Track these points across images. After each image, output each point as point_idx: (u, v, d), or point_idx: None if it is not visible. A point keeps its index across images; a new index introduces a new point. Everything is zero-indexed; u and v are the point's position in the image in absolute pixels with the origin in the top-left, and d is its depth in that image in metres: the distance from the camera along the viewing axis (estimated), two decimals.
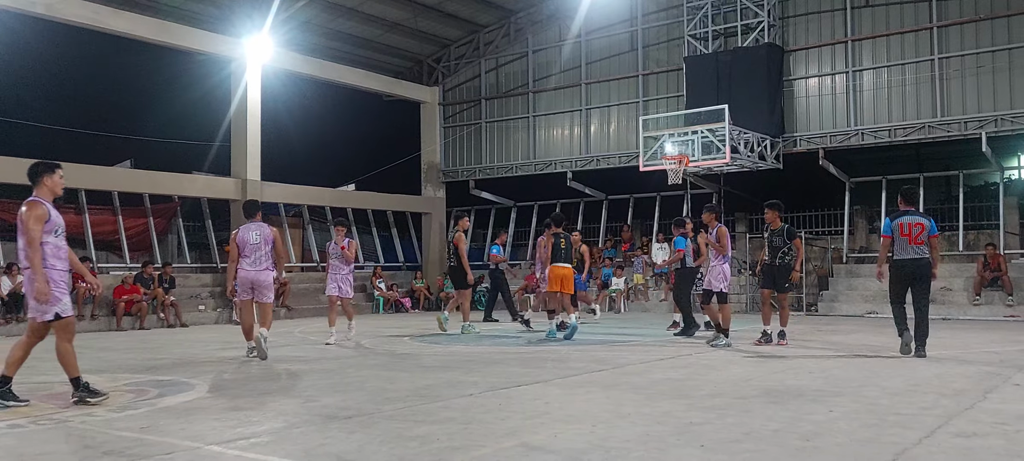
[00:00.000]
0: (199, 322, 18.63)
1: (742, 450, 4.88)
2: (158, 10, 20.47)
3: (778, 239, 11.34)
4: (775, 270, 11.40)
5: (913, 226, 9.59)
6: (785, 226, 11.46)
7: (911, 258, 9.60)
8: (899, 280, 9.79)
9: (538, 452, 4.89)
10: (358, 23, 23.73)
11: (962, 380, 7.73)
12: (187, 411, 6.45)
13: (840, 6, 20.91)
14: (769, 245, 11.47)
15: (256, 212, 10.58)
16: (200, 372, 9.00)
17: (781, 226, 11.43)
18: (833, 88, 21.07)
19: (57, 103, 24.71)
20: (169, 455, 4.94)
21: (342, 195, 25.95)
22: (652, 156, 20.36)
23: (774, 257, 11.35)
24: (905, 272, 9.68)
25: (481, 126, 26.64)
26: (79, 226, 20.33)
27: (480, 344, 12.06)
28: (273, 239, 10.34)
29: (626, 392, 7.18)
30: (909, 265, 9.62)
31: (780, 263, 11.29)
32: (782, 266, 11.28)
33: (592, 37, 24.59)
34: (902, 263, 9.68)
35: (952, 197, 22.08)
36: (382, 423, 5.84)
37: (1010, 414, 5.95)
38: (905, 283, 9.74)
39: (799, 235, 11.85)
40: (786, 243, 11.26)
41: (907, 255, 9.63)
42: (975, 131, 19.26)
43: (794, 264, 11.34)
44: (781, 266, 11.29)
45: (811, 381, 7.72)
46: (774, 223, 11.48)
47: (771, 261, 11.41)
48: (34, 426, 5.93)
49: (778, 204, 11.60)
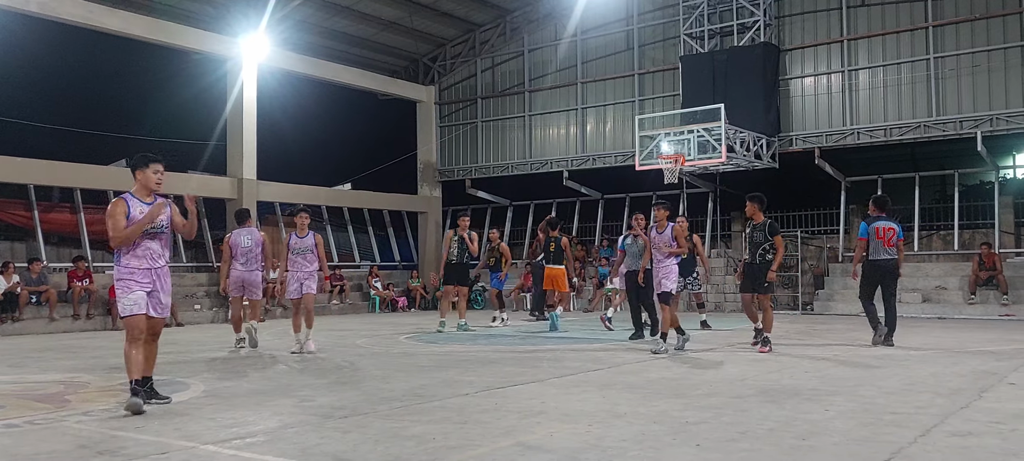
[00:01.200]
0: (195, 321, 18.60)
1: (738, 449, 4.88)
2: (153, 9, 20.42)
3: (759, 235, 10.54)
4: (755, 269, 10.58)
5: (887, 230, 10.88)
6: (767, 221, 10.62)
7: (884, 259, 10.87)
8: (873, 279, 11.01)
9: (534, 451, 4.88)
10: (354, 22, 23.71)
11: (957, 379, 7.74)
12: (182, 410, 6.44)
13: (836, 5, 20.93)
14: (750, 241, 10.65)
15: (247, 219, 11.54)
16: (195, 371, 8.98)
17: (763, 221, 10.59)
18: (829, 87, 21.10)
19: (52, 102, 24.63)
20: (164, 454, 4.93)
21: (338, 194, 25.93)
22: (648, 155, 20.37)
23: (754, 255, 10.56)
24: (879, 271, 10.93)
25: (477, 125, 26.63)
26: (74, 225, 20.32)
27: (476, 343, 12.06)
28: (263, 243, 11.29)
29: (622, 391, 7.19)
30: (883, 265, 10.89)
31: (760, 261, 10.49)
32: (761, 265, 10.49)
33: (588, 36, 24.59)
34: (877, 263, 10.91)
35: (947, 196, 22.12)
36: (378, 422, 5.83)
37: (1005, 413, 5.96)
38: (877, 281, 10.98)
39: (781, 232, 10.81)
40: (767, 239, 10.46)
41: (881, 256, 10.88)
42: (970, 130, 19.29)
43: (772, 263, 10.42)
44: (760, 265, 10.50)
45: (807, 380, 7.73)
46: (755, 217, 10.65)
47: (751, 259, 10.59)
48: (29, 426, 5.91)
49: (760, 197, 10.76)
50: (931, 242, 21.25)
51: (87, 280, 17.26)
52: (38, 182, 19.16)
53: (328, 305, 22.18)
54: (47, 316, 16.49)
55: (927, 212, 21.75)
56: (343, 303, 22.52)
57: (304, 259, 11.00)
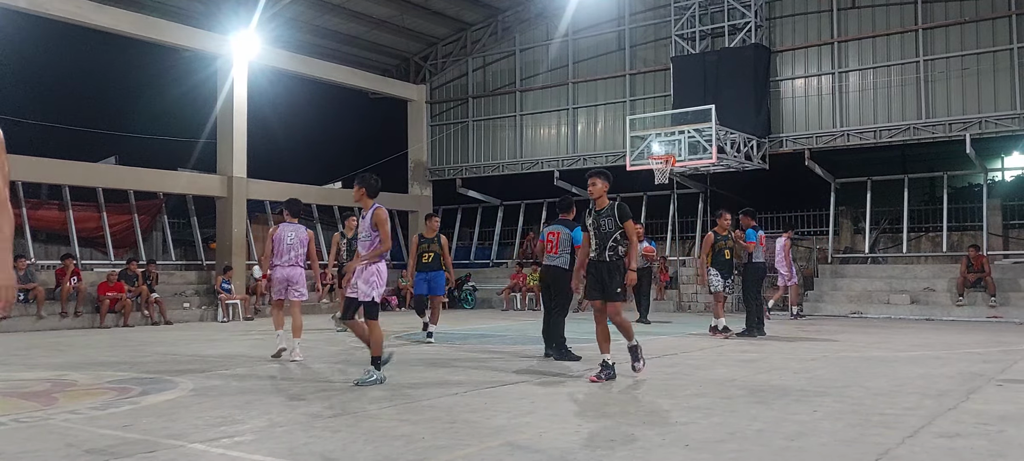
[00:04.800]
0: (184, 320, 18.54)
1: (726, 450, 4.89)
2: (143, 6, 20.32)
3: (607, 221, 7.92)
4: (603, 268, 7.90)
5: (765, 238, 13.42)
6: (615, 203, 8.02)
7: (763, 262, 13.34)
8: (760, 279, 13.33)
9: (523, 451, 4.88)
10: (345, 20, 23.65)
11: (945, 381, 7.77)
12: (170, 409, 6.41)
13: (826, 7, 21.00)
14: (595, 230, 7.98)
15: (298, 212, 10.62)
16: (184, 370, 8.95)
17: (609, 204, 8.01)
18: (819, 89, 21.16)
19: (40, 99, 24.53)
20: (151, 453, 4.91)
21: (328, 193, 25.85)
22: (639, 156, 20.39)
23: (602, 249, 7.90)
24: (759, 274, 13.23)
25: (468, 124, 26.61)
26: (63, 222, 20.21)
27: (466, 343, 12.05)
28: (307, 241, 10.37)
29: (611, 392, 7.19)
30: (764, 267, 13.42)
31: (610, 258, 7.87)
32: (612, 263, 7.87)
33: (579, 36, 24.60)
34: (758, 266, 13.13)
35: (936, 198, 22.23)
36: (366, 422, 5.82)
37: (992, 415, 5.99)
38: None
39: (632, 216, 8.06)
40: (618, 227, 7.89)
41: (760, 257, 13.11)
42: (959, 133, 19.38)
43: (627, 259, 7.89)
44: (612, 262, 7.87)
45: (795, 381, 7.75)
46: (600, 201, 8.04)
47: (598, 255, 7.95)
48: (16, 424, 5.87)
49: (605, 173, 8.23)
50: (920, 244, 21.36)
51: (76, 278, 17.16)
52: (26, 179, 19.04)
53: (318, 304, 22.14)
54: (35, 314, 16.39)
55: (916, 214, 21.85)
56: (333, 302, 22.45)
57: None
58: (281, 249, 10.16)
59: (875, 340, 12.21)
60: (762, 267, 13.40)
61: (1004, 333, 13.72)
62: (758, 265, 13.19)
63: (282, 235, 10.21)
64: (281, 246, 10.17)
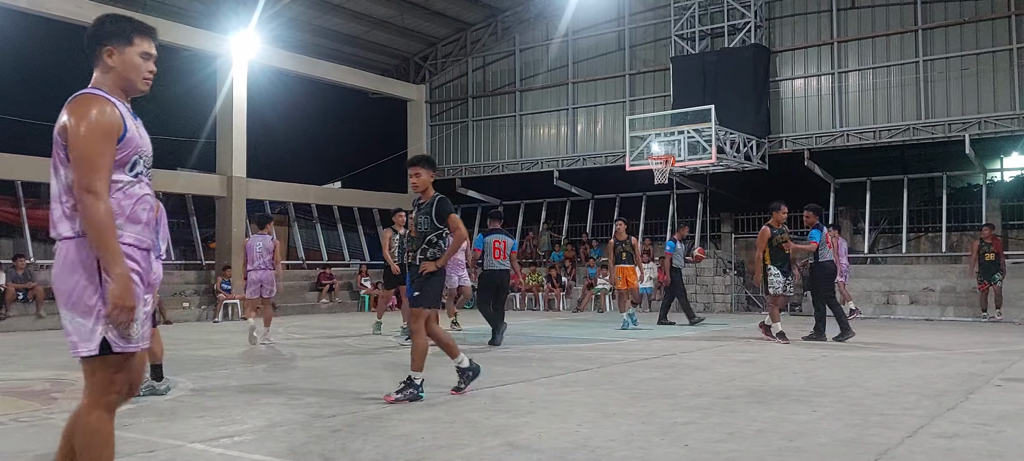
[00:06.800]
0: (183, 319, 18.54)
1: (726, 450, 4.89)
2: (143, 5, 20.31)
3: (424, 219, 7.02)
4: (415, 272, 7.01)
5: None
6: (437, 198, 7.07)
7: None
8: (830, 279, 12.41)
9: (522, 451, 4.88)
10: (345, 20, 23.65)
11: (944, 381, 7.78)
12: (169, 409, 6.41)
13: (826, 8, 21.01)
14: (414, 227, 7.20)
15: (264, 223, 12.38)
16: (183, 370, 8.93)
17: (433, 198, 7.07)
18: (819, 89, 21.17)
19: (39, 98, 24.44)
20: (151, 453, 4.91)
21: (328, 192, 25.87)
22: (638, 156, 20.39)
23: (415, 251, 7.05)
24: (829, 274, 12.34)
25: (468, 124, 26.62)
26: None
27: (465, 343, 12.04)
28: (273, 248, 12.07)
29: (610, 392, 7.19)
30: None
31: (421, 259, 6.95)
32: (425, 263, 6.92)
33: (579, 36, 24.60)
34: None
35: (936, 198, 22.23)
36: (365, 421, 5.82)
37: (991, 415, 5.99)
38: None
39: (455, 210, 7.23)
40: (434, 227, 6.96)
41: (828, 256, 12.37)
42: (959, 133, 19.40)
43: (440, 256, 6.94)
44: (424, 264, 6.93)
45: (795, 381, 7.75)
46: (425, 193, 7.11)
47: (412, 257, 7.12)
48: (15, 424, 5.87)
49: (429, 159, 7.32)
50: (919, 244, 21.36)
51: None
52: (26, 178, 19.05)
53: (317, 304, 22.16)
54: (34, 313, 16.39)
55: (915, 214, 21.86)
56: (332, 302, 22.48)
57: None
58: (252, 256, 11.91)
59: (873, 339, 12.22)
60: (831, 266, 12.27)
61: (1003, 333, 13.72)
62: (826, 264, 12.12)
63: (252, 244, 11.99)
64: (252, 253, 11.92)
